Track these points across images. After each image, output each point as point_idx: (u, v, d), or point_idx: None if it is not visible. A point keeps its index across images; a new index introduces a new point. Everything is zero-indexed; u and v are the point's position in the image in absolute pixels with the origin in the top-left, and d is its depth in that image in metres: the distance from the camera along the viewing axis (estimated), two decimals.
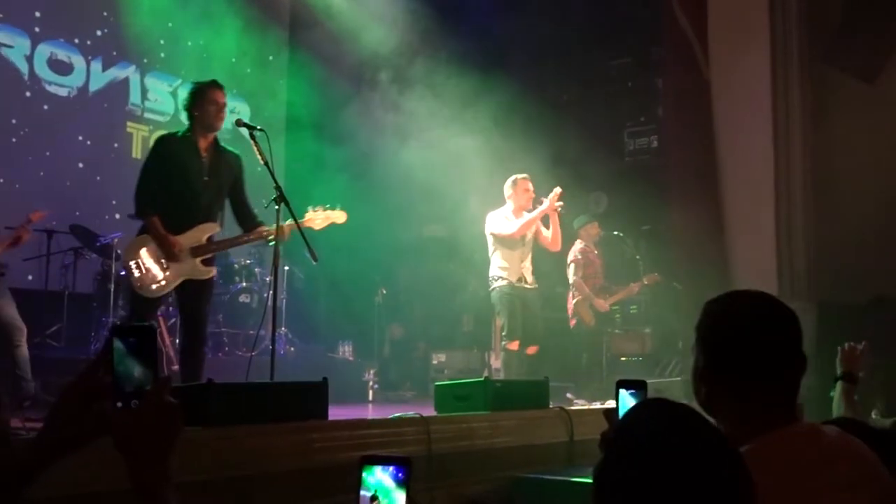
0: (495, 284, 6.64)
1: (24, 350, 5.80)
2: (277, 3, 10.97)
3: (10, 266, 6.16)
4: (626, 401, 1.89)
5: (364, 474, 1.48)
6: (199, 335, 4.86)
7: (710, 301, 1.75)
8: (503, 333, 6.68)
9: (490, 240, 6.75)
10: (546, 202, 6.54)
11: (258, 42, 10.11)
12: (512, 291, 6.58)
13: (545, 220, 6.73)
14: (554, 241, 6.76)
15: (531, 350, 6.61)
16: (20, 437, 3.20)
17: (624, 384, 1.92)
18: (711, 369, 1.69)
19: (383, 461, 1.48)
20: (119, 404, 1.22)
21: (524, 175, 6.76)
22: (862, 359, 3.31)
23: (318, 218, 5.09)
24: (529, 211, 6.66)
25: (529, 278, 6.67)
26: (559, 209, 6.64)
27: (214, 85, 4.93)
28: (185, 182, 4.82)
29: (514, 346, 6.52)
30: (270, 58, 10.69)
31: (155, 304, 4.98)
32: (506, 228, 6.63)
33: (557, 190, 6.58)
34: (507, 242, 6.62)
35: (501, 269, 6.60)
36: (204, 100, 4.85)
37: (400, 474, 1.46)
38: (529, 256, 6.71)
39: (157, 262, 4.71)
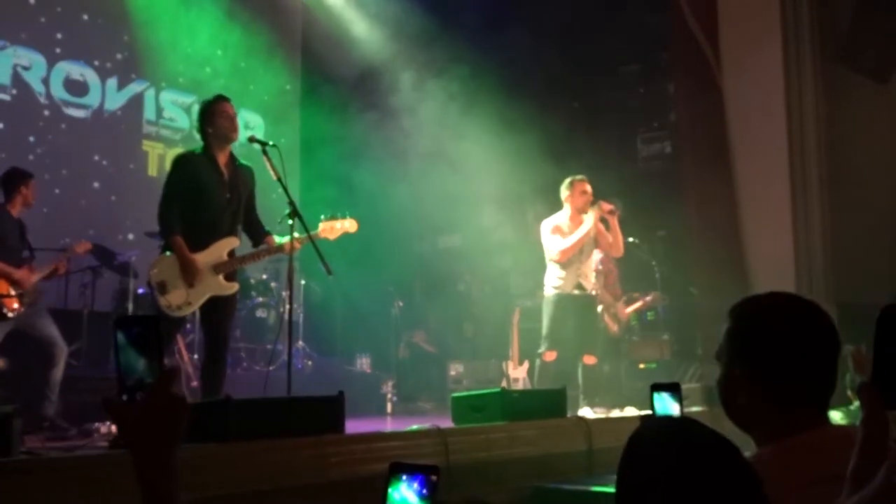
0: (545, 292, 6.51)
1: (59, 371, 5.83)
2: (291, 27, 11.07)
3: (44, 290, 6.24)
4: (662, 401, 1.90)
5: (392, 482, 1.46)
6: (221, 351, 4.86)
7: (741, 305, 1.70)
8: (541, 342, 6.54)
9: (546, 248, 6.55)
10: (589, 218, 6.30)
11: (274, 68, 10.23)
12: (559, 301, 6.36)
13: (605, 224, 6.52)
14: (616, 246, 6.55)
15: (589, 360, 6.38)
16: (41, 457, 3.22)
17: (658, 387, 1.92)
18: (751, 375, 1.64)
19: (412, 470, 1.46)
20: (124, 397, 1.21)
21: (581, 177, 6.51)
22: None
23: (331, 228, 5.10)
24: (584, 213, 6.42)
25: (588, 285, 6.44)
26: (618, 213, 6.50)
27: (222, 98, 4.96)
28: (208, 199, 4.83)
29: (549, 356, 6.33)
30: (287, 87, 10.82)
31: (180, 323, 5.02)
32: (554, 249, 6.39)
33: (607, 206, 6.43)
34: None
35: (556, 278, 6.39)
36: (215, 114, 4.88)
37: (424, 488, 1.45)
38: (589, 262, 6.48)
39: (183, 281, 4.72)
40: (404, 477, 1.46)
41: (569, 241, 6.36)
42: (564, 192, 6.50)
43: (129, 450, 1.20)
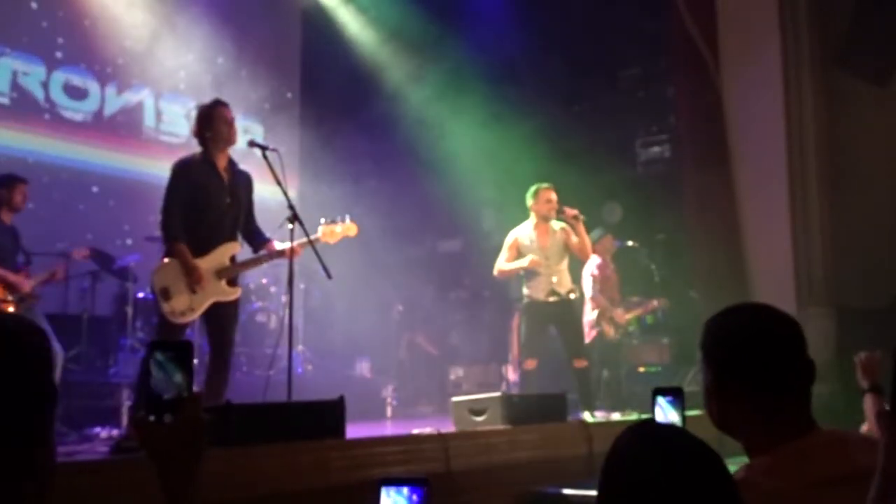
0: (522, 301, 6.56)
1: (55, 377, 5.80)
2: (290, 36, 11.11)
3: (44, 295, 6.23)
4: (664, 408, 1.90)
5: (383, 496, 1.47)
6: (225, 357, 4.85)
7: (710, 318, 1.75)
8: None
9: None
10: (526, 259, 6.39)
11: (274, 76, 10.27)
12: (532, 309, 6.40)
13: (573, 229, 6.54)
14: (582, 250, 6.58)
15: (579, 364, 6.35)
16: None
17: (661, 391, 1.92)
18: (720, 386, 1.68)
19: (401, 482, 1.46)
20: (152, 417, 1.27)
21: (547, 185, 6.54)
22: (879, 367, 3.23)
23: (331, 232, 5.10)
24: (550, 220, 6.49)
25: (563, 290, 6.44)
26: (581, 218, 6.52)
27: (220, 103, 4.96)
28: (209, 204, 4.82)
29: (529, 365, 6.35)
30: (289, 95, 10.84)
31: (183, 329, 5.00)
32: (497, 263, 6.55)
33: (571, 211, 6.46)
34: (517, 258, 6.47)
35: (526, 287, 6.46)
36: (214, 118, 4.87)
37: (416, 496, 1.45)
38: (560, 267, 6.47)
39: (186, 287, 4.71)
40: (396, 486, 1.46)
41: (506, 265, 6.51)
42: (529, 200, 6.54)
43: (156, 464, 1.28)
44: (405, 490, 1.45)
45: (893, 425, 1.15)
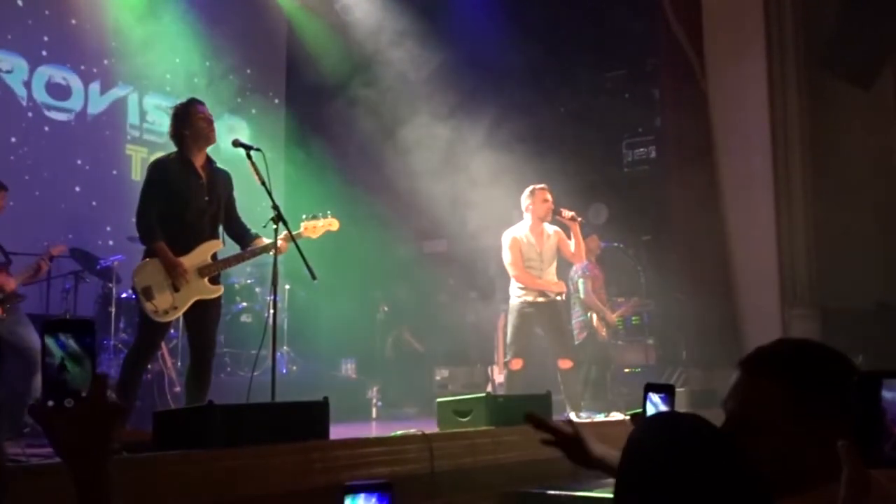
0: (510, 301, 6.54)
1: (39, 377, 5.77)
2: (276, 41, 11.08)
3: (26, 295, 6.17)
4: (655, 404, 1.88)
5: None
6: (206, 356, 4.83)
7: (796, 363, 1.48)
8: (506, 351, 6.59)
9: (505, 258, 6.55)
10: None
11: (261, 80, 10.25)
12: (522, 310, 6.37)
13: (567, 232, 6.54)
14: (577, 254, 6.58)
15: (565, 364, 6.34)
16: (21, 465, 3.18)
17: (652, 388, 1.90)
18: (809, 405, 1.43)
19: (366, 489, 1.45)
20: (51, 403, 1.18)
21: (542, 185, 6.53)
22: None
23: (313, 227, 5.08)
24: (546, 221, 6.49)
25: (552, 292, 6.42)
26: (579, 220, 6.52)
27: (196, 101, 4.95)
28: (187, 202, 4.80)
29: (515, 365, 6.33)
30: (276, 101, 10.80)
31: (166, 328, 4.98)
32: (510, 265, 6.45)
33: (568, 213, 6.44)
34: (523, 260, 6.42)
35: (518, 287, 6.42)
36: (192, 116, 4.84)
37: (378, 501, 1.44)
38: (552, 269, 6.48)
39: (169, 286, 4.68)
40: (362, 493, 1.45)
41: (521, 271, 6.38)
42: (525, 201, 6.52)
43: (59, 454, 1.19)
44: (362, 496, 1.44)
45: (855, 456, 1.13)
